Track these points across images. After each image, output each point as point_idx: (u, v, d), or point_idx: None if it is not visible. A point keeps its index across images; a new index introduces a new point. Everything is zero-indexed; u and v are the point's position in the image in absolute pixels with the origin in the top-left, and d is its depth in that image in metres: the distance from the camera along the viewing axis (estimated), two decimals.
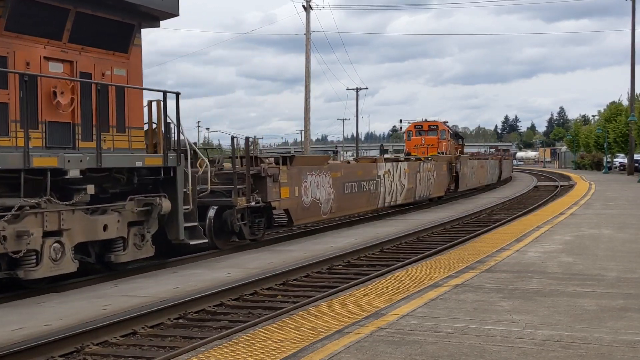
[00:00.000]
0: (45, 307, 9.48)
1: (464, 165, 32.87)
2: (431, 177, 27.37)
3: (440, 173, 28.81)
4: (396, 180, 23.58)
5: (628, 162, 53.15)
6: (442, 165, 29.47)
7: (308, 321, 6.83)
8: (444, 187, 29.73)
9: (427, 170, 26.93)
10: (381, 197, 22.44)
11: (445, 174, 29.74)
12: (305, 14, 41.84)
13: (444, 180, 29.47)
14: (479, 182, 37.50)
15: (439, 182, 28.65)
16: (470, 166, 35.02)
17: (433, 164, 27.96)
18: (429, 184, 27.09)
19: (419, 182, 25.78)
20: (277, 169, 16.20)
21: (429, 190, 27.12)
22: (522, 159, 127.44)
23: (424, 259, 12.00)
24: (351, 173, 20.54)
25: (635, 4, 49.81)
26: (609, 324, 6.51)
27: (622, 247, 12.10)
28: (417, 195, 25.96)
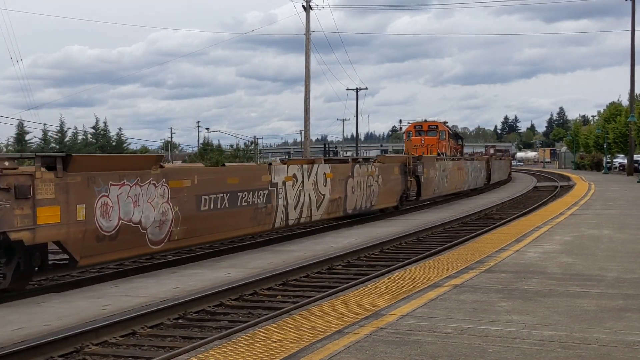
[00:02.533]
0: (45, 307, 9.48)
1: (428, 167, 27.51)
2: (373, 184, 21.90)
3: (389, 178, 23.43)
4: (309, 189, 17.72)
5: (628, 162, 53.15)
6: (392, 168, 23.93)
7: (308, 321, 6.83)
8: (397, 194, 24.36)
9: (367, 175, 21.38)
10: (279, 212, 16.33)
11: (399, 179, 24.39)
12: (305, 14, 41.84)
13: (395, 186, 24.10)
14: (455, 187, 32.29)
15: (388, 189, 23.38)
16: (441, 168, 29.66)
17: (377, 167, 22.51)
18: (371, 192, 21.67)
19: (351, 190, 20.16)
20: (26, 178, 10.08)
21: (370, 200, 21.66)
22: (521, 159, 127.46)
23: (424, 259, 12.00)
24: (215, 181, 14.09)
25: (635, 4, 49.82)
26: (608, 325, 6.52)
27: (621, 247, 12.11)
28: (350, 207, 20.32)
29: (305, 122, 42.47)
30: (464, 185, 34.22)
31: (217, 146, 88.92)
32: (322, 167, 18.81)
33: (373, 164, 22.52)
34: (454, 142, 43.24)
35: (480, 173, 38.30)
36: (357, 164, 21.05)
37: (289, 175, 16.95)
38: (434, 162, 28.85)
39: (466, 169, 34.59)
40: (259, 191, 15.60)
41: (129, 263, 13.58)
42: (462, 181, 33.52)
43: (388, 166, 23.67)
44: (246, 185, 15.11)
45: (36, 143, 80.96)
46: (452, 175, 31.34)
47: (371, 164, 22.30)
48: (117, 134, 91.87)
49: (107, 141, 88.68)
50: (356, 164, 21.04)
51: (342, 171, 19.95)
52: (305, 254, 14.20)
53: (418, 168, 26.18)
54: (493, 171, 42.31)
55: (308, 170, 17.89)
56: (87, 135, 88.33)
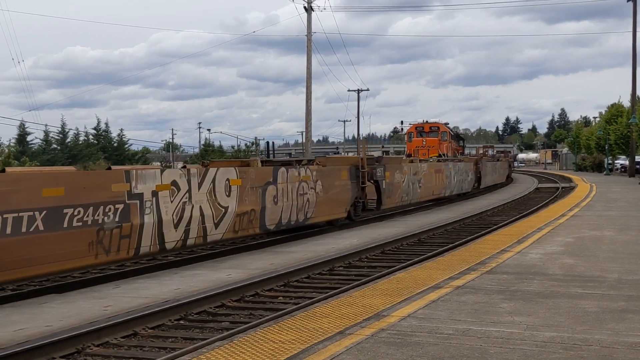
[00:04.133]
0: (47, 308, 9.49)
1: (392, 170, 23.46)
2: (308, 192, 17.96)
3: (332, 184, 19.26)
4: (201, 200, 13.70)
5: (629, 163, 53.11)
6: (337, 172, 19.86)
7: (309, 322, 6.83)
8: (345, 204, 20.25)
9: (299, 181, 17.47)
10: (146, 234, 12.24)
11: (347, 185, 20.25)
12: (306, 15, 41.86)
13: (343, 194, 19.99)
14: (432, 192, 28.41)
15: (332, 198, 19.29)
16: (411, 171, 25.55)
17: (314, 171, 18.38)
18: (304, 202, 17.75)
19: (272, 200, 16.20)
20: None
21: (304, 212, 17.74)
22: (523, 160, 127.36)
23: (425, 260, 12.00)
24: (21, 193, 10.09)
25: (636, 5, 49.79)
26: (610, 326, 6.51)
27: (623, 248, 12.10)
28: (272, 222, 16.18)
29: (307, 123, 42.50)
30: (444, 190, 30.06)
31: (218, 147, 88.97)
32: (224, 172, 14.56)
33: (308, 167, 18.30)
34: (455, 143, 43.29)
35: (467, 176, 34.17)
36: (281, 168, 16.86)
37: (164, 183, 12.70)
38: (399, 164, 25.01)
39: (447, 172, 30.36)
40: (106, 206, 11.45)
41: (130, 264, 13.59)
42: (441, 186, 29.43)
43: (331, 170, 19.44)
44: (79, 197, 10.93)
45: (38, 144, 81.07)
46: (427, 179, 27.41)
47: (305, 168, 18.05)
48: (119, 135, 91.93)
49: (108, 142, 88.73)
50: (281, 167, 16.93)
51: (257, 177, 15.64)
52: (306, 255, 14.20)
53: (377, 171, 22.00)
54: (485, 174, 38.35)
55: (199, 176, 13.68)
56: (89, 137, 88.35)
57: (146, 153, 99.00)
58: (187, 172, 13.44)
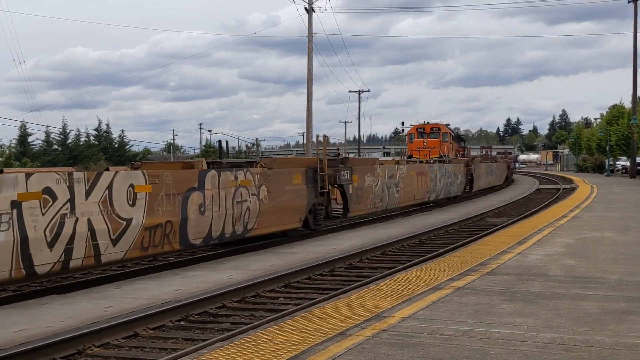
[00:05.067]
0: (48, 309, 9.50)
1: (361, 173, 20.67)
2: (249, 199, 15.15)
3: (282, 189, 16.57)
4: (91, 212, 11.22)
5: (630, 164, 53.09)
6: (288, 175, 16.91)
7: (310, 323, 6.84)
8: (301, 212, 17.43)
9: (236, 186, 14.76)
10: (3, 255, 9.83)
11: (303, 190, 17.41)
12: (307, 16, 41.87)
13: (297, 200, 17.19)
14: (414, 197, 26.22)
15: (283, 206, 16.57)
16: (386, 174, 22.90)
17: (257, 174, 15.60)
18: (243, 211, 14.94)
19: (198, 210, 13.51)
20: None
21: (243, 222, 14.95)
22: (524, 161, 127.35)
23: (426, 261, 12.00)
24: None
25: (637, 6, 49.78)
26: (611, 327, 6.51)
27: (624, 250, 12.10)
28: (197, 236, 13.51)
29: (308, 124, 42.49)
30: (429, 194, 27.80)
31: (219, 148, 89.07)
32: (125, 177, 11.95)
33: (248, 170, 15.38)
34: (456, 144, 43.19)
35: (456, 179, 31.90)
36: (211, 171, 14.09)
37: (31, 191, 10.27)
38: (370, 165, 22.25)
39: (432, 174, 28.02)
40: None
41: (131, 265, 13.60)
42: (424, 190, 27.13)
43: (280, 173, 16.57)
44: None
45: (39, 145, 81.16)
46: (407, 182, 25.06)
47: (243, 171, 15.15)
48: (120, 136, 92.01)
49: (109, 143, 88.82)
50: (210, 170, 14.12)
51: (175, 182, 12.93)
52: (307, 256, 14.20)
53: (342, 174, 19.42)
54: (477, 176, 36.20)
55: (86, 181, 11.19)
56: (90, 137, 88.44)
57: (147, 154, 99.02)
58: (68, 177, 10.85)
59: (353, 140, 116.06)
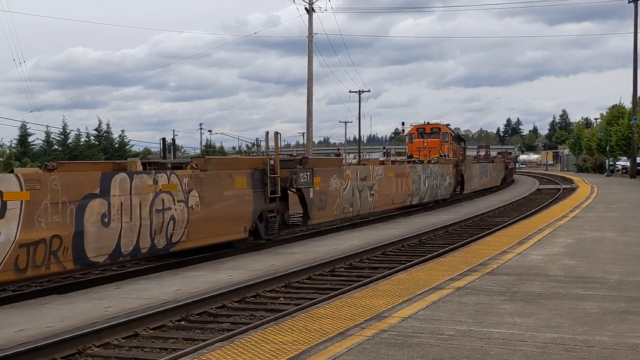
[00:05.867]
0: (48, 309, 9.49)
1: (324, 175, 18.50)
2: (174, 207, 12.89)
3: (221, 195, 14.28)
4: None
5: (630, 165, 53.10)
6: (228, 178, 14.55)
7: (310, 323, 6.83)
8: (245, 220, 15.11)
9: (155, 192, 12.45)
10: None
11: (249, 196, 15.19)
12: (307, 16, 41.87)
13: (241, 207, 14.90)
14: (392, 201, 24.26)
15: (220, 214, 14.18)
16: (358, 176, 20.86)
17: (187, 178, 13.30)
18: (166, 220, 12.65)
19: (101, 222, 11.26)
20: None
21: (166, 234, 12.67)
22: (524, 161, 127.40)
23: (426, 261, 12.00)
24: None
25: (637, 6, 49.78)
26: (611, 327, 6.51)
27: (624, 250, 12.09)
28: (97, 251, 11.22)
29: (308, 124, 42.50)
30: (410, 197, 25.87)
31: (219, 148, 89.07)
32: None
33: (173, 173, 13.11)
34: (457, 144, 43.20)
35: (443, 181, 29.85)
36: (120, 174, 11.80)
37: None
38: (337, 166, 19.92)
39: (414, 176, 26.11)
40: None
41: (131, 265, 13.59)
42: (405, 193, 25.16)
43: (216, 176, 14.15)
44: None
45: (39, 145, 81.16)
46: (384, 185, 23.06)
47: (165, 173, 12.88)
48: (120, 136, 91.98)
49: (109, 143, 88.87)
50: (119, 173, 11.84)
51: (65, 187, 10.74)
52: (307, 256, 14.20)
53: (300, 177, 17.17)
54: (469, 177, 34.05)
55: None
56: (90, 137, 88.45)
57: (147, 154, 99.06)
58: None
59: (353, 140, 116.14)
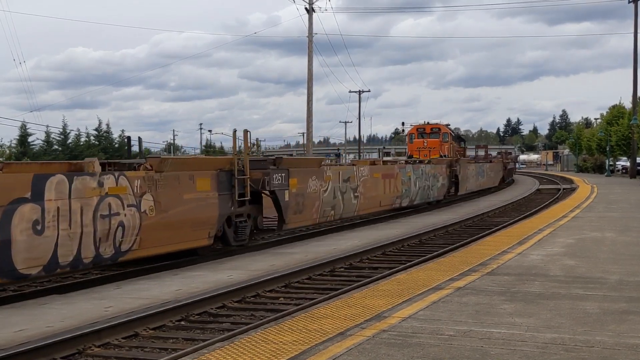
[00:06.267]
0: (48, 309, 9.49)
1: (301, 176, 17.34)
2: (124, 212, 11.69)
3: (179, 198, 12.98)
4: None
5: (630, 165, 53.09)
6: (189, 180, 13.31)
7: (310, 323, 6.83)
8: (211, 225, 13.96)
9: (103, 195, 11.34)
10: None
11: (214, 199, 13.99)
12: (307, 16, 41.87)
13: (205, 211, 13.73)
14: (380, 203, 23.01)
15: (180, 220, 13.00)
16: (341, 177, 19.71)
17: (140, 181, 12.16)
18: (113, 227, 11.47)
19: (34, 229, 10.16)
20: None
21: (114, 242, 11.51)
22: (524, 161, 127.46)
23: (426, 261, 12.00)
24: None
25: (637, 6, 49.77)
26: (611, 327, 6.51)
27: (624, 250, 12.09)
28: (29, 263, 10.10)
29: (308, 125, 42.50)
30: (399, 199, 24.65)
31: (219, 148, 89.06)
32: None
33: (123, 173, 11.84)
34: (457, 144, 43.19)
35: (436, 182, 28.78)
36: (56, 176, 10.62)
37: None
38: (316, 167, 18.68)
39: (403, 176, 24.92)
40: None
41: (130, 265, 13.58)
42: (393, 195, 24.01)
43: (176, 177, 12.92)
44: None
45: (39, 145, 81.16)
46: (370, 186, 21.78)
47: (113, 175, 11.61)
48: (120, 136, 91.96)
49: (109, 143, 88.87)
50: (57, 175, 10.65)
51: None
52: (307, 256, 14.20)
53: (273, 178, 15.90)
54: (464, 178, 32.92)
55: None
56: (90, 137, 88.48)
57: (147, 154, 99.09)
58: None
59: (353, 140, 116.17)
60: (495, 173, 43.43)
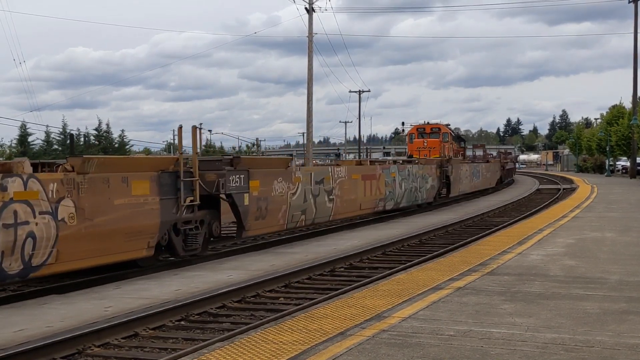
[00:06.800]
0: (48, 309, 9.49)
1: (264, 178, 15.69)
2: (35, 220, 10.17)
3: (108, 204, 11.43)
4: None
5: (630, 165, 53.10)
6: (122, 183, 11.72)
7: (310, 323, 6.83)
8: (150, 234, 12.33)
9: (7, 201, 9.82)
10: None
11: (154, 205, 12.39)
12: (307, 16, 41.86)
13: (142, 219, 12.12)
14: (359, 206, 21.45)
15: (112, 229, 11.43)
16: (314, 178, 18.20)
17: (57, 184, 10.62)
18: (21, 238, 9.91)
19: None
20: None
21: (24, 255, 9.96)
22: (524, 161, 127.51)
23: (426, 261, 11.99)
24: None
25: (637, 6, 49.77)
26: (611, 327, 6.51)
27: (624, 250, 12.09)
28: None
29: (308, 125, 42.49)
30: (383, 202, 23.18)
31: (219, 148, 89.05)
32: None
33: (34, 176, 10.36)
34: (457, 144, 43.19)
35: (424, 183, 27.39)
36: None
37: None
38: (284, 168, 17.17)
39: (387, 178, 23.44)
40: None
41: (131, 265, 13.57)
42: (376, 197, 22.50)
43: (104, 179, 11.38)
44: None
45: (39, 145, 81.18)
46: (348, 188, 20.30)
47: (25, 177, 10.17)
48: (120, 136, 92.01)
49: (109, 143, 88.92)
50: None
51: None
52: (307, 256, 14.20)
53: (230, 180, 14.33)
54: (457, 179, 31.69)
55: None
56: (90, 137, 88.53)
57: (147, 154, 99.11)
58: None
59: (353, 140, 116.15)
60: (491, 174, 42.26)
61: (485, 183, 39.53)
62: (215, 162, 14.97)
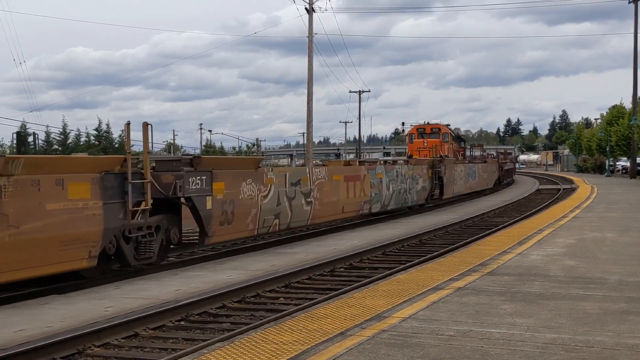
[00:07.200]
0: (48, 309, 9.49)
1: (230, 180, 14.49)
2: None
3: (40, 210, 10.17)
4: None
5: (630, 165, 53.11)
6: (55, 186, 10.44)
7: (310, 323, 6.83)
8: (91, 243, 11.02)
9: None
10: None
11: (95, 210, 11.11)
12: (307, 16, 41.86)
13: (81, 225, 10.80)
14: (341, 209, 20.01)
15: (45, 237, 10.22)
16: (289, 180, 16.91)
17: None
18: None
19: None
20: None
21: None
22: (524, 162, 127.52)
23: (426, 261, 12.00)
24: None
25: (637, 7, 49.77)
26: (611, 328, 6.51)
27: (624, 250, 12.09)
28: None
29: (308, 125, 42.50)
30: (368, 205, 21.84)
31: (219, 148, 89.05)
32: None
33: None
34: (457, 144, 43.23)
35: (415, 184, 26.18)
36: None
37: None
38: (252, 168, 15.59)
39: (373, 179, 22.15)
40: None
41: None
42: (360, 199, 21.18)
43: (35, 181, 10.15)
44: None
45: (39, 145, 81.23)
46: (329, 190, 19.04)
47: None
48: (120, 136, 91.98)
49: (109, 143, 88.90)
50: None
51: None
52: (307, 256, 14.20)
53: (189, 182, 13.18)
54: (450, 180, 30.51)
55: None
56: (90, 137, 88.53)
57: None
58: None
59: (353, 140, 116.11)
60: (489, 174, 41.15)
61: (482, 184, 38.54)
62: (173, 163, 13.64)
